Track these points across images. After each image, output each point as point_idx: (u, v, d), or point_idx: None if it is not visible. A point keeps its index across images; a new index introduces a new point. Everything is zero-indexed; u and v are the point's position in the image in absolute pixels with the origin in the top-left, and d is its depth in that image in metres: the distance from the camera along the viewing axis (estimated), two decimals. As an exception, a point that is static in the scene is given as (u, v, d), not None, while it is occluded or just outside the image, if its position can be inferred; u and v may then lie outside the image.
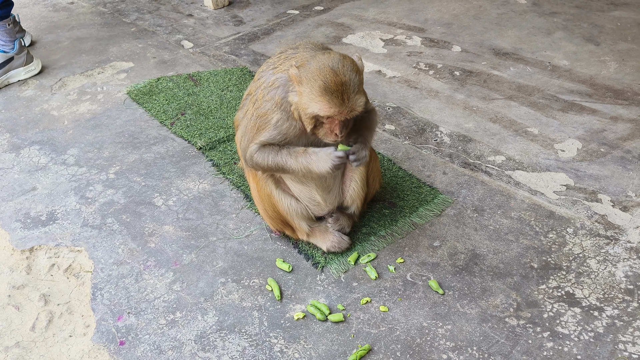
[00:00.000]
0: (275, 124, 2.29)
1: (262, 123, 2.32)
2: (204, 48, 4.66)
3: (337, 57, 2.13)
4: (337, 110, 2.11)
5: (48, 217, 2.88)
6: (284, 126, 2.29)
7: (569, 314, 2.27)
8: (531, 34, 4.62)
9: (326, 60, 2.12)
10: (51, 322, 2.35)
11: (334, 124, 2.18)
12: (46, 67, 4.39)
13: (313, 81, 2.10)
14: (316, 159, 2.27)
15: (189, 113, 3.68)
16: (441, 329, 2.22)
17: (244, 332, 2.25)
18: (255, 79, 2.46)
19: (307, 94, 2.12)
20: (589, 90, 3.79)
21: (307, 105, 2.14)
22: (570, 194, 2.90)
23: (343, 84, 2.09)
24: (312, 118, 2.17)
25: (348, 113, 2.12)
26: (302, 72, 2.14)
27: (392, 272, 2.48)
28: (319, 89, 2.09)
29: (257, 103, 2.34)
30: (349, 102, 2.11)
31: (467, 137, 3.38)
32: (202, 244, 2.68)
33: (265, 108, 2.29)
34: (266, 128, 2.31)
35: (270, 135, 2.31)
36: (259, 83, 2.39)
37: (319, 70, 2.09)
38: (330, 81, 2.08)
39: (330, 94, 2.08)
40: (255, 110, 2.35)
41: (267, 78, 2.35)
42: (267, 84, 2.31)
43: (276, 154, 2.33)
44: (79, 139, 3.51)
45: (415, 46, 4.52)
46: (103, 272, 2.55)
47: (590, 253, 2.54)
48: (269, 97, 2.29)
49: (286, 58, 2.35)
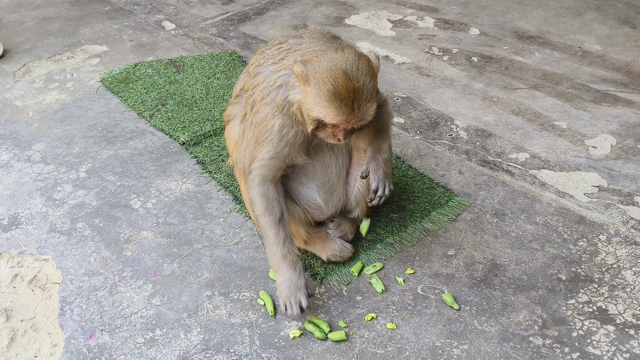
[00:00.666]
0: (279, 133, 2.27)
1: (261, 132, 2.30)
2: (187, 30, 4.66)
3: (352, 57, 2.09)
4: (345, 119, 2.10)
5: (10, 222, 2.88)
6: (290, 134, 2.28)
7: (601, 333, 2.27)
8: (559, 14, 4.62)
9: (339, 59, 2.08)
10: (13, 341, 2.34)
11: (338, 130, 2.18)
12: (8, 51, 4.38)
13: (322, 83, 2.07)
14: (282, 279, 2.32)
15: (171, 103, 3.69)
16: (456, 349, 2.23)
17: (233, 352, 2.25)
18: (250, 72, 2.44)
19: (312, 96, 2.10)
20: (624, 78, 3.80)
21: (311, 108, 2.13)
22: (603, 197, 2.91)
23: (355, 90, 2.06)
24: (314, 120, 2.17)
25: (356, 122, 2.12)
26: (309, 69, 2.10)
27: (401, 285, 2.49)
28: (327, 93, 2.07)
29: (255, 106, 2.32)
30: (358, 112, 2.10)
31: (486, 132, 3.38)
32: (186, 252, 2.68)
33: (265, 112, 2.28)
34: (268, 140, 2.29)
35: (275, 150, 2.30)
36: (256, 80, 2.36)
37: (329, 71, 2.06)
38: (340, 86, 2.05)
39: (339, 101, 2.07)
40: (253, 115, 2.33)
41: (266, 75, 2.32)
42: (267, 83, 2.29)
43: (271, 224, 2.34)
44: (46, 132, 3.50)
45: (427, 28, 4.52)
46: (73, 284, 2.55)
47: (625, 263, 2.54)
48: (268, 100, 2.27)
49: (289, 51, 2.31)
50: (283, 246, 2.34)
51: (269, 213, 2.35)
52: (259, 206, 2.36)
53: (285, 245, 2.34)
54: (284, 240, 2.35)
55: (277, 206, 2.37)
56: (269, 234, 2.35)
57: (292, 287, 2.31)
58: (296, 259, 2.35)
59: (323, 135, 2.23)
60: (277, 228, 2.35)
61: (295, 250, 2.36)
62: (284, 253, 2.33)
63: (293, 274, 2.32)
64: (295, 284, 2.31)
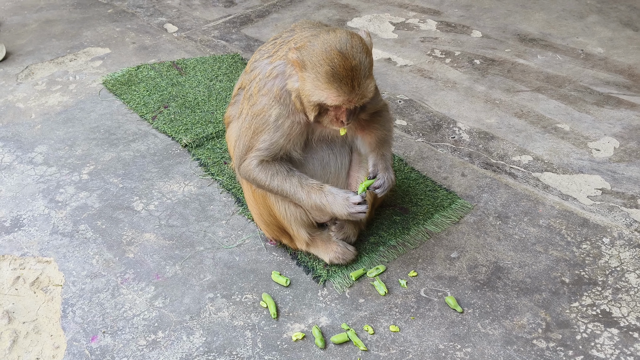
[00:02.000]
0: (275, 123, 2.28)
1: (259, 124, 2.30)
2: (190, 32, 4.67)
3: (345, 36, 2.10)
4: (347, 98, 2.10)
5: (12, 224, 2.88)
6: (286, 124, 2.28)
7: (605, 336, 2.26)
8: (561, 17, 4.62)
9: (332, 40, 2.08)
10: (15, 343, 2.34)
11: (341, 112, 2.18)
12: (11, 53, 4.39)
13: (318, 66, 2.07)
14: (332, 201, 2.31)
15: (173, 106, 3.69)
16: (460, 352, 2.22)
17: (235, 354, 2.24)
18: (247, 69, 2.45)
19: (311, 81, 2.10)
20: (627, 81, 3.79)
21: (311, 93, 2.13)
22: (606, 199, 2.90)
23: (353, 68, 2.07)
24: (316, 106, 2.17)
25: (358, 100, 2.12)
26: (304, 54, 2.11)
27: (404, 287, 2.48)
28: (326, 75, 2.07)
29: (252, 98, 2.33)
30: (359, 89, 2.10)
31: (488, 134, 3.38)
32: (188, 255, 2.68)
33: (262, 104, 2.28)
34: (265, 130, 2.30)
35: (271, 140, 2.30)
36: (252, 75, 2.37)
37: (325, 52, 2.07)
38: (338, 66, 2.06)
39: (339, 81, 2.07)
40: (250, 107, 2.33)
41: (262, 68, 2.33)
42: (264, 75, 2.30)
43: (284, 179, 2.34)
44: (48, 134, 3.51)
45: (429, 31, 4.53)
46: (75, 286, 2.54)
47: (629, 266, 2.54)
48: (265, 90, 2.28)
49: (282, 43, 2.34)
50: (302, 188, 2.33)
51: (282, 175, 2.34)
52: (268, 178, 2.35)
53: (304, 187, 2.33)
54: (299, 184, 2.33)
55: (281, 166, 2.36)
56: (288, 193, 2.35)
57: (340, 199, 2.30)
58: (318, 185, 2.34)
59: (326, 121, 2.22)
60: (290, 184, 2.34)
61: (313, 181, 2.36)
62: (307, 192, 2.33)
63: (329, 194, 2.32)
64: (340, 197, 2.31)
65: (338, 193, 2.32)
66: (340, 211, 2.31)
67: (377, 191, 2.40)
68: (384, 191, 2.41)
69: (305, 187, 2.33)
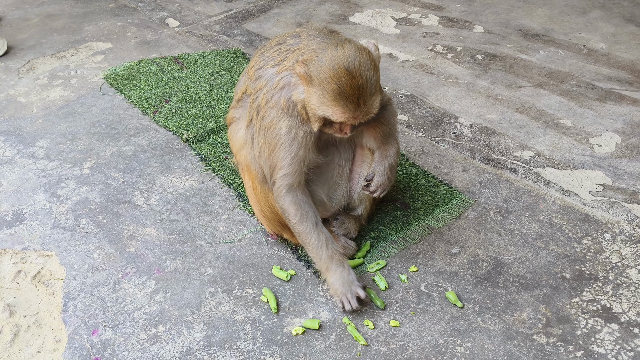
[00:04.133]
0: (287, 135, 2.27)
1: (271, 138, 2.30)
2: (191, 27, 4.66)
3: (353, 53, 2.08)
4: (352, 115, 2.12)
5: (14, 218, 2.88)
6: (300, 134, 2.28)
7: (605, 331, 2.26)
8: (564, 12, 4.60)
9: (340, 57, 2.07)
10: (17, 336, 2.35)
11: (345, 125, 2.21)
12: (12, 48, 4.39)
13: (325, 83, 2.07)
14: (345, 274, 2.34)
15: (174, 100, 3.68)
16: (460, 347, 2.22)
17: (236, 348, 2.25)
18: (251, 75, 2.44)
19: (317, 97, 2.11)
20: (629, 77, 3.78)
21: (317, 108, 2.14)
22: (607, 195, 2.89)
23: (360, 87, 2.07)
24: (321, 119, 2.18)
25: (363, 117, 2.14)
26: (311, 69, 2.10)
27: (404, 282, 2.48)
28: (333, 93, 2.07)
29: (261, 111, 2.33)
30: (364, 107, 2.11)
31: (490, 130, 3.37)
32: (189, 249, 2.68)
33: (271, 116, 2.29)
34: (280, 145, 2.29)
35: (291, 154, 2.30)
36: (258, 84, 2.36)
37: (332, 70, 2.06)
38: (345, 85, 2.05)
39: (345, 99, 2.07)
40: (260, 121, 2.34)
41: (269, 79, 2.32)
42: (271, 86, 2.29)
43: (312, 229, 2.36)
44: (50, 129, 3.51)
45: (431, 26, 4.51)
46: (76, 280, 2.55)
47: (630, 262, 2.53)
48: (273, 103, 2.28)
49: (288, 51, 2.31)
50: (327, 248, 2.36)
51: (305, 219, 2.37)
52: (293, 215, 2.37)
53: (328, 246, 2.37)
54: (326, 242, 2.37)
55: (310, 210, 2.39)
56: (310, 240, 2.37)
57: (345, 283, 2.32)
58: (341, 257, 2.38)
59: (330, 131, 2.24)
60: (317, 232, 2.37)
61: (338, 248, 2.40)
62: (329, 255, 2.36)
63: (343, 271, 2.34)
64: (347, 279, 2.33)
65: (351, 274, 2.35)
66: (340, 286, 2.33)
67: (374, 195, 2.45)
68: (380, 194, 2.44)
69: (330, 250, 2.37)
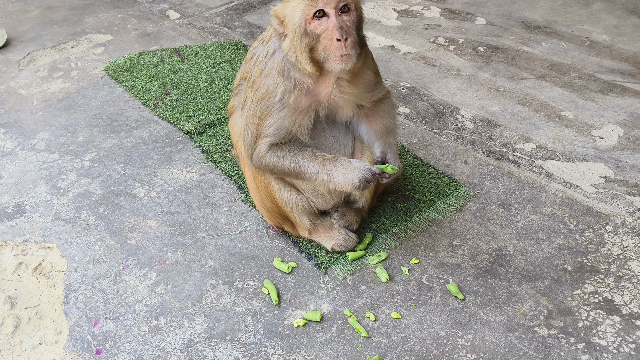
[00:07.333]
0: (280, 102, 2.27)
1: (264, 107, 2.30)
2: (192, 19, 4.64)
3: None
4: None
5: (15, 210, 2.88)
6: (292, 99, 2.27)
7: (607, 323, 2.26)
8: (566, 4, 4.58)
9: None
10: (18, 328, 2.35)
11: (329, 29, 2.13)
12: (12, 40, 4.38)
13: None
14: (347, 167, 2.28)
15: (175, 93, 3.67)
16: (461, 339, 2.22)
17: (237, 340, 2.25)
18: (247, 58, 2.48)
19: (291, 9, 2.14)
20: (632, 69, 3.77)
21: (293, 19, 2.14)
22: (609, 187, 2.89)
23: None
24: (304, 35, 2.14)
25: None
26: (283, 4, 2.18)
27: (406, 275, 2.48)
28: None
29: (255, 84, 2.34)
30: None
31: (492, 122, 3.36)
32: (190, 241, 2.68)
33: (266, 85, 2.29)
34: (270, 113, 2.29)
35: (277, 122, 2.29)
36: (252, 61, 2.40)
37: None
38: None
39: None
40: (254, 93, 2.33)
41: (260, 52, 2.37)
42: (262, 56, 2.33)
43: (296, 154, 2.32)
44: (50, 121, 3.50)
45: (433, 18, 4.49)
46: (77, 272, 2.55)
47: (632, 254, 2.53)
48: (267, 70, 2.29)
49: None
50: (315, 158, 2.32)
51: (294, 151, 2.33)
52: (280, 158, 2.34)
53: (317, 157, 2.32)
54: (311, 157, 2.32)
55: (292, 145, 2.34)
56: (300, 168, 2.33)
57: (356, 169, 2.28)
58: (333, 155, 2.33)
59: (321, 49, 2.16)
60: (302, 157, 2.32)
61: (325, 154, 2.35)
62: (320, 162, 2.31)
63: (345, 162, 2.30)
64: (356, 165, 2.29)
65: (353, 160, 2.31)
66: (353, 176, 2.27)
67: (384, 181, 2.41)
68: (390, 178, 2.40)
69: (318, 157, 2.32)
